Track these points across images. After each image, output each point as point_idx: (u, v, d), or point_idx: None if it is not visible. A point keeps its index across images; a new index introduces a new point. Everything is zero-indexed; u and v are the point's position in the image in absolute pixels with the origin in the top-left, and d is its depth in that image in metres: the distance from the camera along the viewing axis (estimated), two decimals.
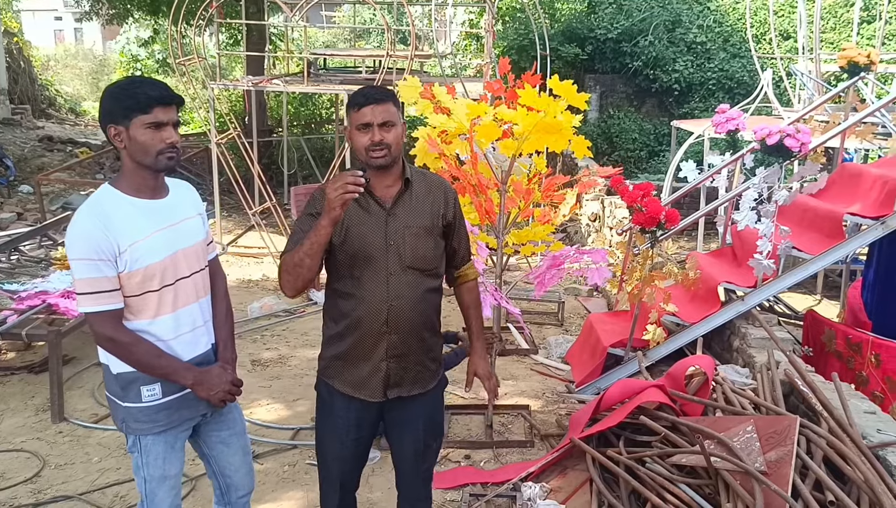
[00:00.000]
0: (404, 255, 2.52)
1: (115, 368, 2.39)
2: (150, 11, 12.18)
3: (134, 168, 2.33)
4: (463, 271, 2.79)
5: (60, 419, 4.54)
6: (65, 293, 4.95)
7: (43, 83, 19.25)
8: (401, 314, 2.52)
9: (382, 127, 2.45)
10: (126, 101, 2.26)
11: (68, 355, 5.44)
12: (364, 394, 2.59)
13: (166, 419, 2.43)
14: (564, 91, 3.70)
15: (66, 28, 39.93)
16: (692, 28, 13.80)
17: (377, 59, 9.80)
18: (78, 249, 2.26)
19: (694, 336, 4.89)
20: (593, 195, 8.96)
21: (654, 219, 4.49)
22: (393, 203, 2.53)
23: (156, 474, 2.47)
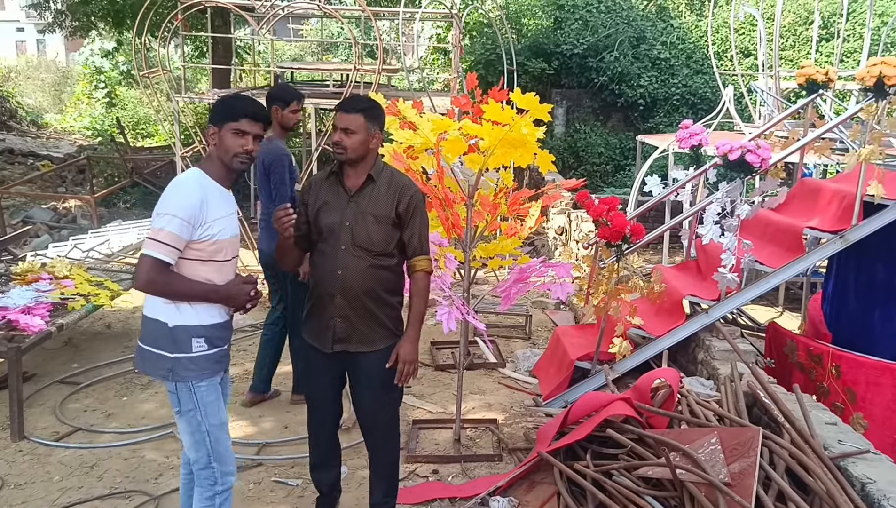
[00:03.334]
0: (356, 234, 3.09)
1: (172, 322, 2.80)
2: (114, 23, 12.04)
3: (217, 164, 2.86)
4: (413, 261, 3.21)
5: (20, 438, 4.43)
6: (25, 309, 4.84)
7: (4, 95, 18.90)
8: (346, 282, 3.09)
9: (344, 132, 3.06)
10: (225, 109, 2.84)
11: (28, 371, 5.33)
12: (319, 344, 3.19)
13: (210, 367, 2.87)
14: (527, 103, 3.73)
15: (28, 39, 39.31)
16: (656, 45, 14.01)
17: (345, 72, 9.80)
18: (177, 206, 2.71)
19: (659, 349, 4.95)
20: (559, 209, 9.04)
21: (619, 233, 4.54)
22: (356, 192, 3.13)
23: (215, 421, 2.90)
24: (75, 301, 5.18)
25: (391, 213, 3.11)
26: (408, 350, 3.16)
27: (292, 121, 4.72)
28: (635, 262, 4.85)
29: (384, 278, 3.16)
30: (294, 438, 4.48)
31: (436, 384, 5.44)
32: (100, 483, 4.02)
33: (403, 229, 3.16)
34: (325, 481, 3.48)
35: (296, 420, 4.71)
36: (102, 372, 5.46)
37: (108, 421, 4.75)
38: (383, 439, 3.37)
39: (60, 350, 5.86)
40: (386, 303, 3.19)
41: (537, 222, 4.30)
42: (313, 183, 3.25)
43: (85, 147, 15.46)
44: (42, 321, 4.78)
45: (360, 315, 3.13)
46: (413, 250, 3.20)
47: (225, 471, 2.96)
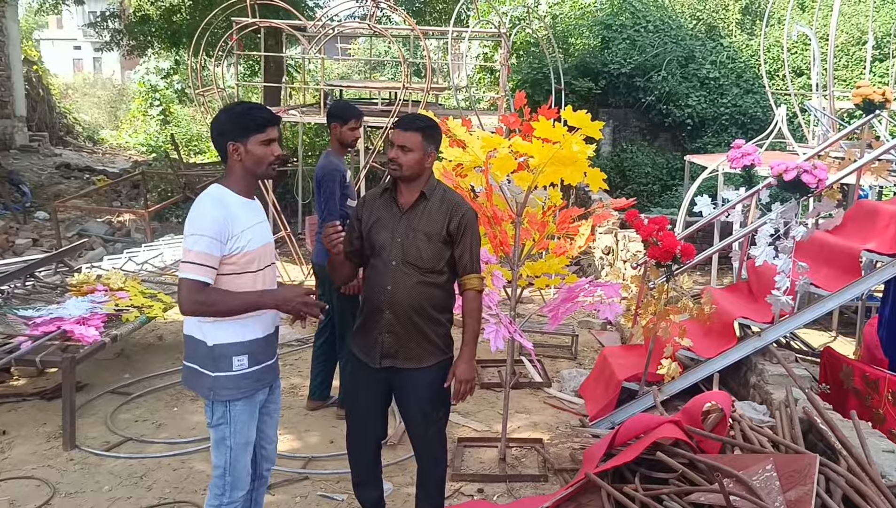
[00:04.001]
0: (406, 250, 3.11)
1: (211, 340, 2.79)
2: (170, 43, 12.35)
3: (244, 175, 2.83)
4: (464, 279, 3.21)
5: (72, 447, 4.52)
6: (80, 320, 4.96)
7: (61, 111, 19.49)
8: (395, 298, 3.11)
9: (400, 149, 3.10)
10: (245, 122, 2.78)
11: (81, 382, 5.44)
12: (366, 358, 3.20)
13: (250, 386, 2.86)
14: (579, 120, 3.72)
15: (84, 57, 40.58)
16: (705, 64, 13.88)
17: (393, 90, 9.90)
18: (204, 226, 2.71)
19: (710, 371, 4.85)
20: (606, 228, 8.97)
21: (669, 253, 4.48)
22: (408, 209, 3.15)
23: (241, 440, 2.89)
24: (129, 313, 5.29)
25: (442, 230, 3.13)
26: (464, 370, 3.17)
27: (351, 138, 4.80)
28: (685, 283, 4.78)
29: (433, 295, 3.17)
30: (340, 453, 4.48)
31: (481, 402, 5.41)
32: (149, 493, 4.08)
33: (454, 247, 3.17)
34: (370, 498, 3.47)
35: (341, 435, 4.66)
36: (153, 383, 5.55)
37: (158, 432, 4.82)
38: (429, 456, 3.37)
39: (113, 361, 5.98)
40: (434, 320, 3.19)
41: (587, 241, 4.26)
42: (367, 199, 3.29)
43: (139, 163, 15.87)
44: (96, 331, 4.89)
45: (408, 331, 3.14)
46: (464, 268, 3.20)
47: (235, 486, 2.96)
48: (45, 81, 18.54)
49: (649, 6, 14.97)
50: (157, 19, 11.81)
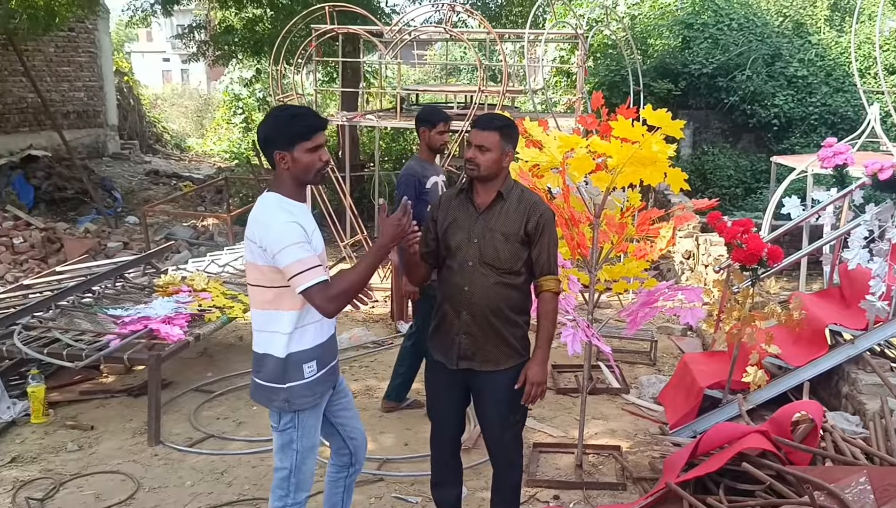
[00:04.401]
0: (483, 251, 3.08)
1: (283, 352, 2.78)
2: (253, 52, 12.68)
3: (293, 183, 2.78)
4: (541, 280, 3.16)
5: (156, 443, 4.66)
6: (166, 319, 5.11)
7: (151, 120, 20.26)
8: (472, 299, 3.09)
9: (478, 149, 3.07)
10: (291, 130, 2.71)
11: (167, 379, 5.62)
12: (444, 360, 3.19)
13: (321, 389, 2.88)
14: (658, 119, 3.61)
15: (173, 69, 42.17)
16: (793, 62, 13.38)
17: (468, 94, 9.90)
18: (287, 236, 2.65)
19: (799, 380, 4.64)
20: (686, 232, 8.73)
21: (755, 256, 4.31)
22: (485, 209, 3.12)
23: (307, 444, 2.89)
24: (211, 313, 5.43)
25: (520, 230, 3.10)
26: (536, 372, 3.10)
27: (439, 142, 4.82)
28: (772, 287, 4.59)
29: (510, 296, 3.13)
30: (415, 455, 4.49)
31: (557, 407, 5.33)
32: (229, 489, 4.17)
33: (532, 248, 3.13)
34: (446, 500, 3.46)
35: (416, 438, 4.72)
36: (234, 382, 5.68)
37: (239, 429, 4.93)
38: (505, 461, 3.35)
39: (196, 360, 6.15)
40: (512, 322, 3.16)
41: (668, 243, 4.14)
42: (443, 200, 3.28)
43: (223, 169, 16.33)
44: (181, 330, 5.03)
45: (486, 333, 3.12)
46: (541, 269, 3.15)
47: (300, 488, 2.96)
48: (135, 91, 19.29)
49: (733, 4, 14.53)
50: (241, 29, 12.16)
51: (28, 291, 6.29)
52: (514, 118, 4.30)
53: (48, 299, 5.58)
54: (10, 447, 4.67)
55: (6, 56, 13.06)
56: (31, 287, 6.45)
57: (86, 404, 5.29)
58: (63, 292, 5.72)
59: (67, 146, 12.60)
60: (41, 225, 10.09)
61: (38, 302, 5.51)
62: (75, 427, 4.90)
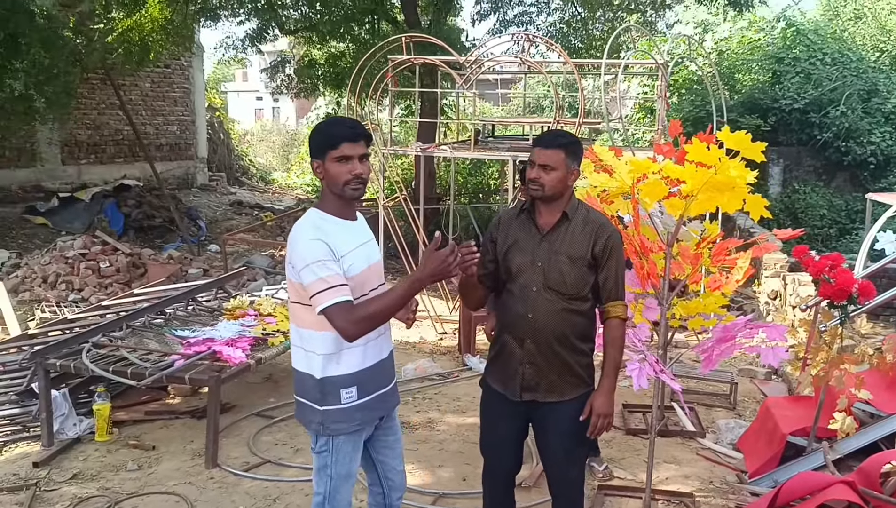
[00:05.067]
0: (548, 275, 2.92)
1: (319, 373, 2.67)
2: (335, 86, 12.95)
3: (333, 197, 2.69)
4: (607, 307, 2.99)
5: (213, 465, 4.62)
6: (229, 342, 5.11)
7: (239, 154, 20.95)
8: (537, 326, 2.92)
9: (542, 168, 2.91)
10: (321, 139, 2.65)
11: (230, 403, 5.61)
12: (507, 391, 3.02)
13: (361, 418, 2.74)
14: (737, 142, 3.39)
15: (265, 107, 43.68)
16: (891, 98, 12.78)
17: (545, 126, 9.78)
18: (310, 253, 2.56)
19: (892, 429, 4.23)
20: (773, 272, 8.30)
21: (844, 292, 3.99)
22: (549, 231, 2.96)
23: (342, 472, 2.77)
24: (275, 338, 5.41)
25: (587, 253, 2.94)
26: (602, 402, 2.94)
27: None
28: (863, 327, 4.23)
29: (577, 322, 2.98)
30: (471, 491, 4.30)
31: (626, 448, 5.05)
32: None
33: (598, 272, 2.97)
34: None
35: (475, 473, 4.49)
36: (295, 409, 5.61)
37: (296, 456, 4.84)
38: (567, 500, 3.15)
39: (261, 385, 6.14)
40: (578, 350, 3.01)
41: (746, 274, 3.87)
42: (503, 219, 3.11)
43: (303, 201, 16.68)
44: (243, 353, 5.01)
45: (551, 362, 2.97)
46: (608, 295, 2.99)
47: None
48: (225, 126, 20.03)
49: (826, 38, 14.05)
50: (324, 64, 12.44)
51: (105, 311, 6.45)
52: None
53: (120, 319, 5.68)
54: (73, 463, 4.71)
55: (104, 90, 13.75)
56: (108, 308, 6.60)
57: (150, 424, 5.32)
58: (135, 313, 5.82)
59: (158, 177, 13.08)
60: (127, 250, 10.43)
61: (110, 322, 5.61)
62: (137, 447, 4.92)
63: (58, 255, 10.02)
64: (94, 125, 14.10)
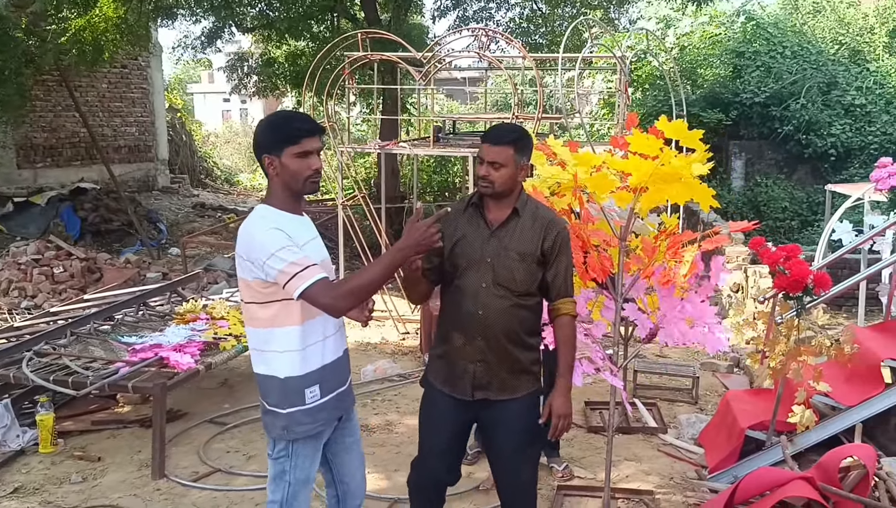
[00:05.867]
0: (497, 272, 2.85)
1: (283, 373, 2.60)
2: (295, 84, 12.76)
3: (283, 191, 2.61)
4: (557, 304, 2.93)
5: (160, 476, 4.46)
6: (177, 347, 4.95)
7: (202, 155, 20.62)
8: (487, 323, 2.85)
9: (491, 165, 2.84)
10: (278, 134, 2.57)
11: (181, 410, 5.45)
12: (455, 392, 2.92)
13: (324, 417, 2.68)
14: (674, 131, 3.30)
15: (232, 109, 43.19)
16: (850, 90, 12.88)
17: (505, 121, 9.70)
18: (272, 242, 2.48)
19: (851, 422, 4.20)
20: (736, 264, 8.29)
21: (799, 283, 3.93)
22: (498, 227, 2.89)
23: (301, 476, 2.70)
24: (227, 341, 5.25)
25: (536, 250, 2.88)
26: (561, 403, 2.88)
27: None
28: (820, 318, 4.19)
29: (525, 318, 2.92)
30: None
31: (587, 447, 4.97)
32: None
33: (548, 268, 2.91)
34: None
35: None
36: (251, 414, 5.46)
37: (248, 464, 4.70)
38: (523, 500, 3.03)
39: (215, 391, 5.97)
40: (527, 346, 2.95)
41: (691, 269, 3.77)
42: (451, 213, 2.98)
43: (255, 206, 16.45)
44: (192, 359, 4.86)
45: (501, 359, 2.89)
46: (557, 292, 2.93)
47: None
48: (187, 127, 19.70)
49: (786, 32, 14.14)
50: (283, 62, 12.24)
51: (53, 317, 6.24)
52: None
53: (64, 326, 5.48)
54: (15, 476, 4.52)
55: (60, 92, 13.41)
56: (56, 314, 6.39)
57: (97, 434, 5.13)
58: (81, 320, 5.63)
59: (115, 180, 12.79)
60: (82, 255, 10.17)
61: (53, 329, 5.42)
62: (82, 458, 4.74)
63: (10, 261, 9.74)
64: (51, 128, 13.74)
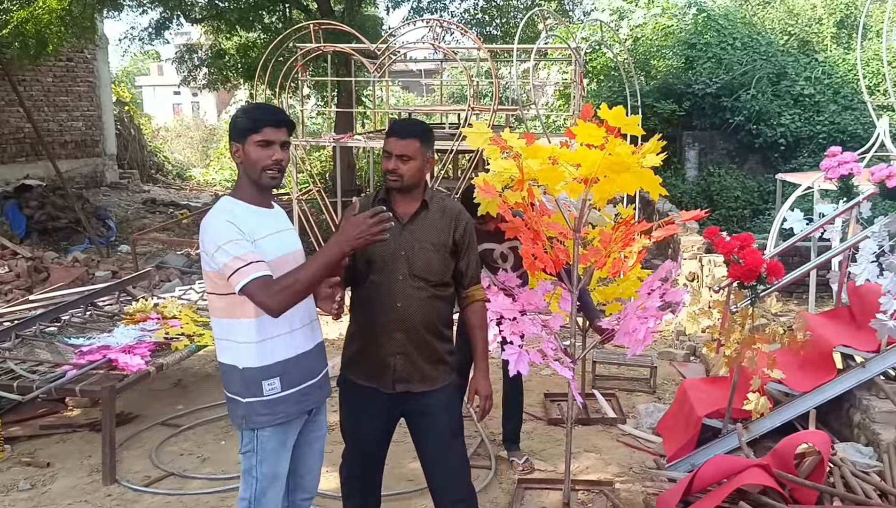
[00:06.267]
0: (413, 264, 2.88)
1: (242, 363, 2.58)
2: (247, 77, 12.54)
3: (247, 182, 2.62)
4: (470, 292, 3.04)
5: (111, 482, 4.33)
6: (126, 349, 4.81)
7: (152, 150, 20.19)
8: (406, 316, 2.87)
9: (399, 158, 2.85)
10: (244, 122, 2.59)
11: (132, 413, 5.31)
12: (376, 384, 2.92)
13: (285, 410, 2.63)
14: (614, 118, 3.29)
15: (184, 102, 42.39)
16: (799, 80, 13.11)
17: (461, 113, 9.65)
18: (221, 234, 2.47)
19: (805, 408, 4.27)
20: (691, 254, 8.39)
21: (753, 272, 3.96)
22: (409, 220, 2.92)
23: (269, 472, 2.65)
24: (179, 341, 5.13)
25: (448, 240, 2.96)
26: (484, 385, 3.02)
27: None
28: (774, 306, 4.23)
29: (441, 308, 3.00)
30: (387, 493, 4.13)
31: (547, 439, 4.97)
32: None
33: (459, 258, 2.99)
34: None
35: (392, 475, 4.37)
36: (205, 415, 5.35)
37: (203, 466, 4.59)
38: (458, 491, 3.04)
39: (168, 392, 5.83)
40: (444, 337, 3.02)
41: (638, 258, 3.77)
42: (358, 210, 2.97)
43: (221, 197, 16.17)
44: (142, 360, 4.72)
45: (421, 351, 2.94)
46: (469, 279, 3.05)
47: None
48: (136, 121, 19.25)
49: (736, 23, 14.33)
50: (235, 53, 12.02)
51: None
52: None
53: (9, 328, 5.29)
54: None
55: (3, 86, 12.99)
56: (0, 316, 6.18)
57: (46, 439, 4.97)
58: (27, 321, 5.44)
59: (61, 176, 12.44)
60: (28, 254, 9.87)
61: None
62: (31, 464, 4.58)
63: None
64: None
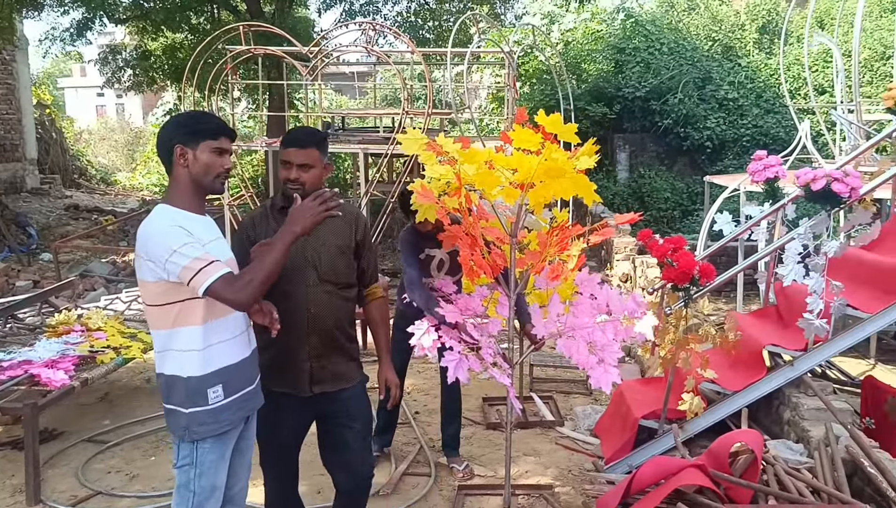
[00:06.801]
0: (320, 269, 2.95)
1: (186, 372, 2.52)
2: (174, 79, 12.21)
3: (189, 187, 2.55)
4: (371, 289, 3.18)
5: (36, 502, 4.14)
6: (49, 363, 4.60)
7: (75, 154, 19.48)
8: (318, 320, 2.94)
9: (300, 168, 2.90)
10: (197, 126, 2.55)
11: (56, 429, 5.09)
12: (294, 390, 2.97)
13: (228, 418, 2.59)
14: (550, 124, 3.29)
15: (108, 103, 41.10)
16: (723, 85, 13.49)
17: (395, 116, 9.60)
18: (174, 239, 2.41)
19: (737, 407, 4.36)
20: (624, 255, 8.53)
21: (686, 274, 4.03)
22: None
23: (207, 484, 2.58)
24: (104, 354, 4.93)
25: (351, 242, 3.06)
26: (392, 375, 3.21)
27: None
28: (706, 307, 4.31)
29: (349, 309, 3.11)
30: (326, 505, 4.05)
31: (486, 444, 4.95)
32: None
33: (361, 258, 3.11)
34: None
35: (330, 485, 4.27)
36: (133, 430, 5.16)
37: (131, 484, 4.42)
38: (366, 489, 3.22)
39: (94, 406, 5.61)
40: (351, 336, 3.14)
41: (578, 263, 3.80)
42: (257, 219, 3.04)
43: (148, 202, 15.71)
44: (66, 375, 4.52)
45: (334, 352, 3.03)
46: (370, 278, 3.18)
47: None
48: (57, 124, 18.55)
49: (663, 28, 14.67)
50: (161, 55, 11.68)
51: None
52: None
53: None
54: None
55: None
56: None
57: None
58: None
59: None
60: None
61: None
62: None
63: None
64: None
